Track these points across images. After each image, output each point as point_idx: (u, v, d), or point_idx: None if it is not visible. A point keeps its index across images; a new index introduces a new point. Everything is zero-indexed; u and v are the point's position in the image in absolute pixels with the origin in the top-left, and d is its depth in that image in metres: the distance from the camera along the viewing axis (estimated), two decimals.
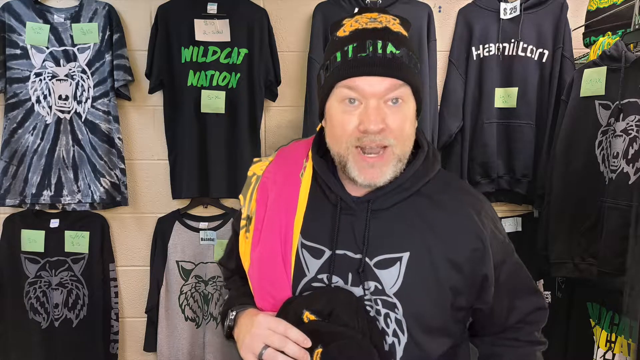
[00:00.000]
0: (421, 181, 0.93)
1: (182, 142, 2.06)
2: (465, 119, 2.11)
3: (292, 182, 0.95)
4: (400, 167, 0.89)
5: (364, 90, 0.84)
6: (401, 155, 0.88)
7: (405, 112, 0.87)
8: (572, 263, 1.75)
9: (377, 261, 0.88)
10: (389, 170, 0.87)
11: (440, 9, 2.15)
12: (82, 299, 2.09)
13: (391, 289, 0.87)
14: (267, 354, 0.83)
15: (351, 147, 0.86)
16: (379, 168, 0.86)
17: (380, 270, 0.87)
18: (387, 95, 0.85)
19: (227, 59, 2.04)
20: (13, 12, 1.99)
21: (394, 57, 0.84)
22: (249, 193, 1.00)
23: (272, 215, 0.94)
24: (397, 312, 0.87)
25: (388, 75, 0.84)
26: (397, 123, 0.85)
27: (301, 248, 0.92)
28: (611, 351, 1.71)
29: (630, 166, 1.59)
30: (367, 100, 0.85)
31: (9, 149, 1.99)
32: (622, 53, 1.66)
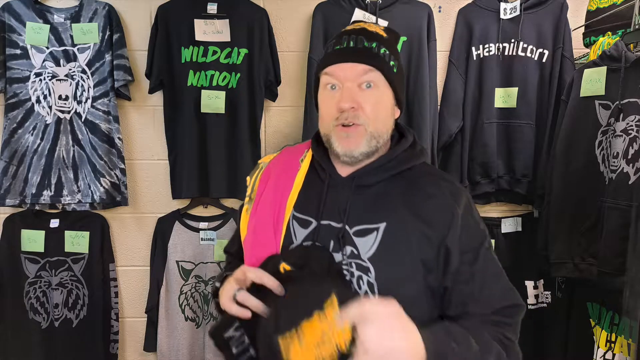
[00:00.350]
0: (403, 165, 1.02)
1: (182, 142, 2.06)
2: (465, 119, 2.11)
3: (292, 166, 1.08)
4: (375, 144, 0.99)
5: (339, 75, 0.99)
6: (374, 133, 0.99)
7: (377, 95, 0.99)
8: (572, 263, 1.75)
9: (356, 230, 0.97)
10: (363, 142, 0.98)
11: (440, 9, 2.15)
12: (82, 299, 2.09)
13: (366, 254, 0.95)
14: (240, 295, 0.92)
15: (333, 126, 0.99)
16: (353, 139, 0.98)
17: (358, 238, 0.96)
18: (359, 79, 0.98)
19: (227, 59, 2.04)
20: (13, 12, 1.99)
21: (364, 48, 0.99)
22: (254, 176, 1.13)
23: (269, 192, 1.06)
24: (369, 275, 0.95)
25: (358, 61, 0.98)
26: (370, 104, 0.98)
27: (292, 219, 1.03)
28: (611, 351, 1.71)
29: (630, 166, 1.59)
30: (343, 84, 0.98)
31: (9, 149, 1.99)
32: (622, 53, 1.66)
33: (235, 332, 0.92)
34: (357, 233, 0.97)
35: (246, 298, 0.91)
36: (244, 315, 0.91)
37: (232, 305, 0.93)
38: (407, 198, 0.99)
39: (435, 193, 1.00)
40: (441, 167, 2.14)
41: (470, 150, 2.13)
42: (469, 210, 1.02)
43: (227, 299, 0.94)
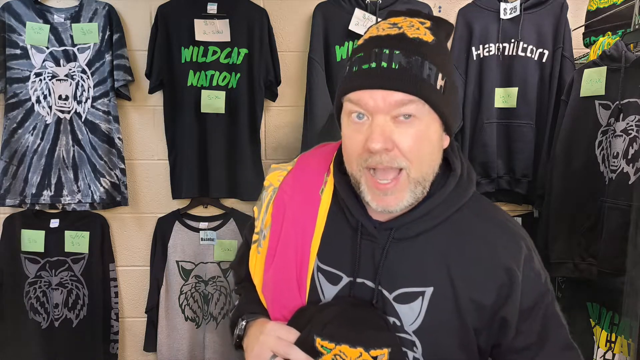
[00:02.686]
0: (451, 209, 0.83)
1: (182, 142, 2.06)
2: (465, 119, 2.11)
3: (311, 198, 0.88)
4: (420, 190, 0.80)
5: (367, 104, 0.75)
6: (419, 178, 0.78)
7: (419, 128, 0.76)
8: (572, 263, 1.75)
9: (397, 295, 0.81)
10: (406, 196, 0.78)
11: (440, 9, 2.15)
12: (82, 299, 2.09)
13: (410, 325, 0.80)
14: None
15: (362, 169, 0.78)
16: (393, 195, 0.78)
17: (400, 305, 0.80)
18: (394, 111, 0.75)
19: (227, 59, 2.04)
20: (13, 12, 1.99)
21: (401, 68, 0.74)
22: (264, 205, 0.92)
23: (287, 234, 0.87)
24: (415, 351, 0.80)
25: (394, 88, 0.74)
26: (408, 142, 0.75)
27: (317, 272, 0.86)
28: (611, 351, 1.71)
29: (630, 166, 1.59)
30: (373, 116, 0.76)
31: (9, 149, 1.99)
32: (622, 53, 1.66)
33: None
34: (399, 299, 0.81)
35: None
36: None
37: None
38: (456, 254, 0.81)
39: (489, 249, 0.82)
40: None
41: (470, 150, 2.13)
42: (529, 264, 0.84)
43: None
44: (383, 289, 0.81)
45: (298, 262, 0.85)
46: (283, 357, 0.79)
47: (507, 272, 0.80)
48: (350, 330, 0.78)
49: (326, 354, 0.78)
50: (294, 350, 0.79)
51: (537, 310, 0.83)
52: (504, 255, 0.81)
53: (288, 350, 0.79)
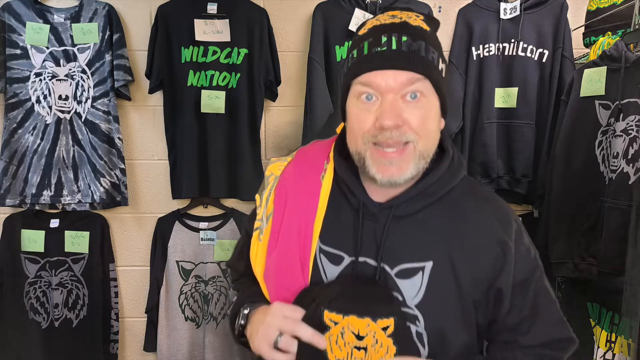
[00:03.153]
0: (446, 187, 0.88)
1: (182, 142, 2.06)
2: (465, 119, 2.11)
3: (312, 184, 0.91)
4: (423, 165, 0.84)
5: (379, 85, 0.81)
6: (424, 152, 0.83)
7: (425, 107, 0.83)
8: (572, 263, 1.75)
9: (399, 270, 0.84)
10: (410, 167, 0.82)
11: (440, 9, 2.15)
12: (82, 299, 2.09)
13: (413, 300, 0.83)
14: (284, 341, 0.81)
15: (368, 144, 0.83)
16: (398, 165, 0.82)
17: (402, 280, 0.83)
18: (404, 90, 0.81)
19: (227, 59, 2.04)
20: (13, 12, 1.99)
21: (410, 50, 0.81)
22: (266, 194, 0.95)
23: (290, 219, 0.90)
24: (418, 324, 0.83)
25: (403, 68, 0.81)
26: (417, 118, 0.81)
27: (319, 253, 0.88)
28: (611, 351, 1.71)
29: (630, 166, 1.59)
30: (384, 96, 0.81)
31: (9, 149, 1.99)
32: (622, 53, 1.66)
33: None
34: (400, 274, 0.84)
35: (290, 344, 0.81)
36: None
37: (273, 353, 0.82)
38: (452, 228, 0.86)
39: (483, 221, 0.88)
40: None
41: (470, 150, 2.13)
42: (520, 238, 0.90)
43: (265, 344, 0.82)
44: (385, 265, 0.84)
45: (301, 245, 0.87)
46: (290, 334, 0.81)
47: (501, 245, 0.86)
48: (357, 303, 0.80)
49: (334, 327, 0.80)
50: (301, 326, 0.80)
51: (529, 284, 0.88)
52: (497, 229, 0.87)
53: (295, 327, 0.80)
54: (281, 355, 0.81)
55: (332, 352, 0.80)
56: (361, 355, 0.79)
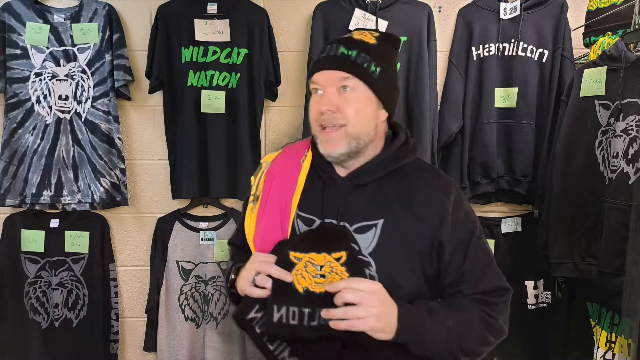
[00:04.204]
0: (396, 163, 1.09)
1: (182, 142, 2.06)
2: (465, 119, 2.11)
3: (294, 167, 1.15)
4: (355, 145, 1.06)
5: (320, 81, 1.07)
6: (354, 134, 1.05)
7: (355, 98, 1.05)
8: (572, 263, 1.75)
9: (357, 227, 1.05)
10: (342, 144, 1.05)
11: (440, 9, 2.15)
12: (82, 299, 2.09)
13: (367, 249, 1.04)
14: (259, 279, 1.02)
15: (316, 126, 1.08)
16: (333, 141, 1.05)
17: (359, 235, 1.05)
18: (337, 84, 1.05)
19: (227, 59, 2.04)
20: (13, 12, 1.99)
21: (343, 56, 1.06)
22: (258, 176, 1.19)
23: (274, 194, 1.13)
24: (370, 269, 1.03)
25: (335, 68, 1.05)
26: (347, 107, 1.04)
27: (297, 218, 1.11)
28: (611, 351, 1.71)
29: (630, 166, 1.59)
30: (324, 89, 1.06)
31: (9, 149, 1.99)
32: (622, 53, 1.66)
33: (257, 314, 1.03)
34: (358, 230, 1.05)
35: (265, 281, 1.01)
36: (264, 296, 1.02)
37: (252, 289, 1.03)
38: (402, 194, 1.07)
39: (427, 189, 1.09)
40: (441, 167, 2.14)
41: (470, 150, 2.13)
42: (458, 203, 1.09)
43: (246, 284, 1.03)
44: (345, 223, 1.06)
45: (282, 213, 1.11)
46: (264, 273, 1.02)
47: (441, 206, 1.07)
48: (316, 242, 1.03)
49: (298, 263, 1.01)
50: (272, 267, 1.02)
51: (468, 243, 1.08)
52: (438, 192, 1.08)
53: (267, 267, 1.02)
54: (258, 290, 1.02)
55: (299, 283, 1.00)
56: (321, 281, 1.00)
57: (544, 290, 2.17)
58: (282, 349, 1.03)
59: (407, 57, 2.04)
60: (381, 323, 0.95)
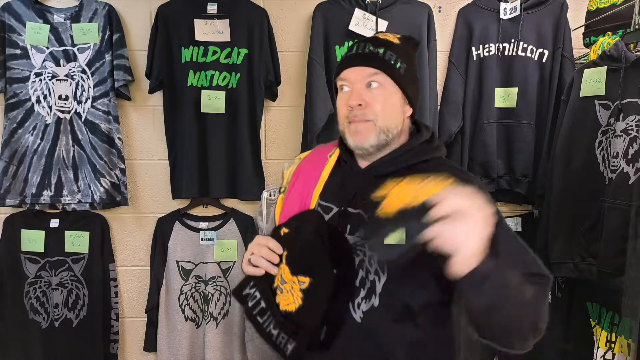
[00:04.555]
0: (416, 157, 1.11)
1: (182, 142, 2.06)
2: (465, 119, 2.11)
3: (321, 160, 1.22)
4: (384, 138, 1.09)
5: (349, 78, 1.11)
6: (383, 127, 1.08)
7: (383, 94, 1.09)
8: (572, 263, 1.75)
9: (369, 215, 1.06)
10: (372, 136, 1.08)
11: (440, 9, 2.15)
12: (82, 299, 2.09)
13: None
14: (253, 257, 1.10)
15: (345, 122, 1.11)
16: (363, 133, 1.08)
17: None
18: (366, 80, 1.09)
19: (227, 59, 2.04)
20: (13, 12, 1.99)
21: (371, 53, 1.10)
22: (290, 169, 1.28)
23: (299, 185, 1.20)
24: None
25: (364, 65, 1.09)
26: (377, 101, 1.08)
27: (317, 207, 1.15)
28: (611, 351, 1.71)
29: (630, 166, 1.59)
30: (353, 85, 1.10)
31: (9, 149, 1.99)
32: (622, 53, 1.66)
33: (250, 290, 1.11)
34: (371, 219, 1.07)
35: (257, 259, 1.08)
36: (257, 274, 1.09)
37: (247, 267, 1.10)
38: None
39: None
40: None
41: (470, 150, 2.13)
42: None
43: (244, 263, 1.12)
44: (361, 211, 1.09)
45: (303, 201, 1.17)
46: (257, 254, 1.09)
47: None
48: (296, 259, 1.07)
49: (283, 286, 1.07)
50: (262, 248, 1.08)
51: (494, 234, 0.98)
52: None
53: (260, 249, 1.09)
54: (251, 268, 1.09)
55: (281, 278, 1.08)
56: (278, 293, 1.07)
57: None
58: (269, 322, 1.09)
59: None
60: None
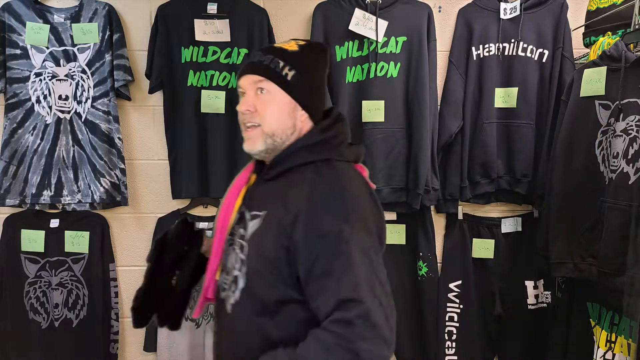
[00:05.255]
0: (289, 164, 1.13)
1: (182, 142, 2.06)
2: (465, 119, 2.11)
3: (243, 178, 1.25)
4: (271, 142, 1.14)
5: (242, 85, 1.17)
6: (269, 132, 1.13)
7: (269, 99, 1.13)
8: (572, 263, 1.75)
9: (251, 215, 1.13)
10: (259, 142, 1.14)
11: (440, 9, 2.15)
12: (82, 299, 2.09)
13: (248, 235, 1.11)
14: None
15: (242, 126, 1.18)
16: (252, 139, 1.15)
17: (251, 222, 1.12)
18: (255, 87, 1.14)
19: (227, 59, 2.04)
20: (13, 12, 1.99)
21: (257, 62, 1.15)
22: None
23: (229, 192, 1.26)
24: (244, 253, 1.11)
25: (252, 73, 1.15)
26: (262, 107, 1.13)
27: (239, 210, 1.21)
28: (611, 351, 1.71)
29: (630, 166, 1.59)
30: (246, 92, 1.16)
31: (9, 149, 1.99)
32: (622, 53, 1.66)
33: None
34: (251, 218, 1.13)
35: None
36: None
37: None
38: (286, 191, 1.09)
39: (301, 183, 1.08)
40: (441, 167, 2.13)
41: (470, 150, 2.13)
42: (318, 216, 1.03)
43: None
44: (247, 211, 1.15)
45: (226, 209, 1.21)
46: None
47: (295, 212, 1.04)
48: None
49: None
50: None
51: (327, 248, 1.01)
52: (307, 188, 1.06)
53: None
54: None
55: None
56: None
57: (544, 290, 2.17)
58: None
59: (407, 57, 2.04)
60: None
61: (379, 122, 2.05)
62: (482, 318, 2.19)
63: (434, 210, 2.20)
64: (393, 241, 2.17)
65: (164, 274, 1.38)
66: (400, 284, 2.17)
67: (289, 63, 1.15)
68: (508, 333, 2.18)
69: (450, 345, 2.18)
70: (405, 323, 2.16)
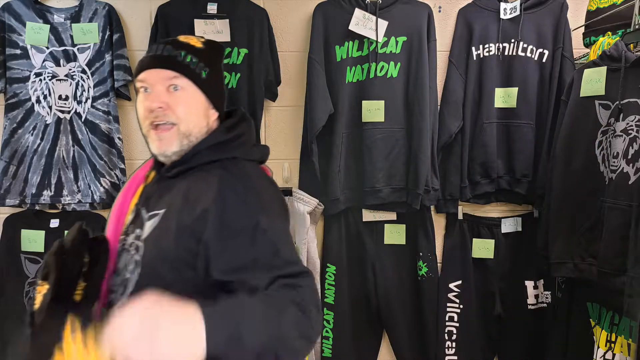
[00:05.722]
0: (192, 163, 1.07)
1: None
2: (465, 119, 2.11)
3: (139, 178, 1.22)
4: (186, 143, 1.07)
5: (147, 79, 1.07)
6: (186, 132, 1.07)
7: (185, 97, 1.07)
8: (572, 263, 1.75)
9: (149, 215, 1.07)
10: (175, 142, 1.06)
11: (440, 9, 2.15)
12: None
13: (145, 234, 1.05)
14: None
15: (148, 127, 1.07)
16: (166, 140, 1.06)
17: (148, 222, 1.06)
18: (167, 83, 1.06)
19: (227, 59, 2.04)
20: (13, 12, 1.99)
21: (172, 56, 1.07)
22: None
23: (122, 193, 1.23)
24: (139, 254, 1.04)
25: (164, 67, 1.06)
26: (177, 104, 1.06)
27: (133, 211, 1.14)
28: (611, 351, 1.71)
29: (630, 166, 1.59)
30: (153, 87, 1.07)
31: (9, 149, 1.99)
32: (622, 53, 1.66)
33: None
34: (149, 217, 1.07)
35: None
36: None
37: None
38: (188, 189, 1.04)
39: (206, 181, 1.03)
40: (441, 167, 2.14)
41: (470, 150, 2.13)
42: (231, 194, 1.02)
43: None
44: (144, 210, 1.09)
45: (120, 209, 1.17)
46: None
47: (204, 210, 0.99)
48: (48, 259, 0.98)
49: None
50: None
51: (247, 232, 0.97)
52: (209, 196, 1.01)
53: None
54: None
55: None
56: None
57: (544, 290, 2.17)
58: None
59: (407, 57, 2.04)
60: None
61: (379, 122, 2.05)
62: (482, 318, 2.19)
63: (434, 210, 2.21)
64: (393, 241, 2.17)
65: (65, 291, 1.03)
66: (400, 284, 2.17)
67: (201, 60, 1.10)
68: (508, 333, 2.18)
69: (450, 345, 2.18)
70: (405, 323, 2.16)
